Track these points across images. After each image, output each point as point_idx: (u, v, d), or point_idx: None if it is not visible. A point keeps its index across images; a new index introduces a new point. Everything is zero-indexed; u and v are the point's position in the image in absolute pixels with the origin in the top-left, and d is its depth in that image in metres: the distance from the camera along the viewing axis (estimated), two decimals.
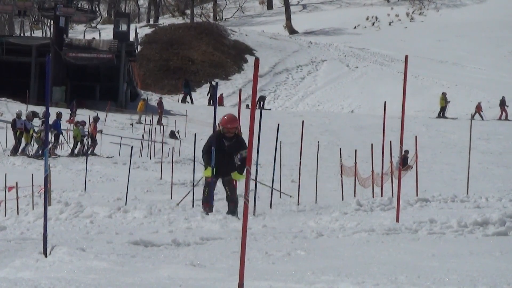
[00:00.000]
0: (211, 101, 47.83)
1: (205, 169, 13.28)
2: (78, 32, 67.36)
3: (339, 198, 17.41)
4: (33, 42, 45.65)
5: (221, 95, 51.42)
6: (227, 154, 13.06)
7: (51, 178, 15.92)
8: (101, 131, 31.63)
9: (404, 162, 25.27)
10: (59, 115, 30.77)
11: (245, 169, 11.56)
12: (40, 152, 27.45)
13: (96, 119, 31.84)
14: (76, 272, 7.36)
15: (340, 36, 73.10)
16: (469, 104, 48.22)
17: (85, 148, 29.77)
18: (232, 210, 13.23)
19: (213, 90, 47.99)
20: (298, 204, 16.06)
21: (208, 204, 13.34)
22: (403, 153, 26.63)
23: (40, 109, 34.16)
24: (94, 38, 47.19)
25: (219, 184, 20.42)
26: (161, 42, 61.65)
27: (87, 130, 30.83)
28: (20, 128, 29.09)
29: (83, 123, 30.47)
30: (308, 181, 19.25)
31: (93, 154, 29.05)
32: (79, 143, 29.99)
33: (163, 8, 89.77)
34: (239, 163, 13.12)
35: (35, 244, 9.45)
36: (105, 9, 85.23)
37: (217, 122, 14.21)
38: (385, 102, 16.85)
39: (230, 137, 13.06)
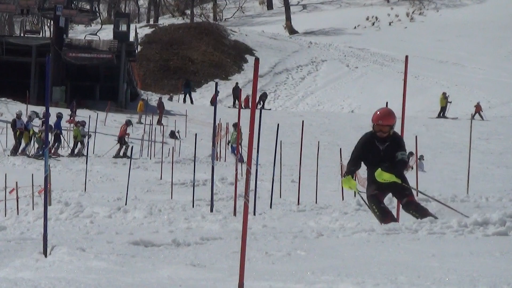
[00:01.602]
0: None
1: (342, 179, 10.63)
2: (78, 32, 67.41)
3: (339, 198, 17.41)
4: (33, 42, 45.65)
5: (247, 96, 51.49)
6: (383, 161, 10.15)
7: (51, 178, 15.92)
8: (128, 135, 31.59)
9: None
10: (60, 115, 30.79)
11: (400, 174, 10.04)
12: (40, 152, 27.46)
13: (128, 123, 31.79)
14: (76, 272, 7.36)
15: (340, 36, 73.10)
16: (469, 104, 48.22)
17: (84, 148, 29.75)
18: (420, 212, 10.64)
19: (235, 92, 47.96)
20: (298, 204, 16.06)
21: (388, 217, 10.57)
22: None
23: (40, 109, 34.18)
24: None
25: (219, 184, 20.45)
26: (161, 42, 61.65)
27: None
28: (20, 128, 29.10)
29: (83, 123, 30.45)
30: (308, 181, 19.25)
31: (125, 156, 28.89)
32: (79, 143, 29.98)
33: (163, 8, 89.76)
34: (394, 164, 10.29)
35: (35, 244, 9.44)
36: (105, 9, 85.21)
37: (217, 122, 14.11)
38: (386, 102, 16.84)
39: (384, 138, 10.18)
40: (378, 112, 10.17)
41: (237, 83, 50.45)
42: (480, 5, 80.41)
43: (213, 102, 48.21)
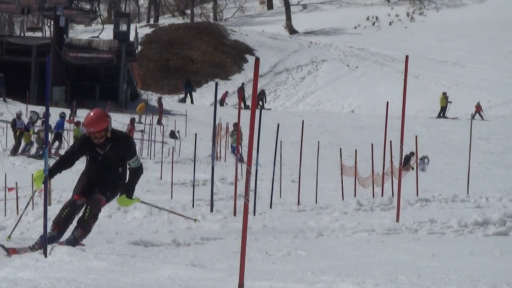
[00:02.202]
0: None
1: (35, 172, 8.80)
2: (78, 32, 67.39)
3: (339, 198, 17.41)
4: (33, 42, 45.63)
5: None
6: (103, 165, 8.81)
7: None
8: (142, 132, 31.55)
9: (405, 162, 25.29)
10: (63, 115, 30.80)
11: (132, 190, 8.94)
12: (40, 152, 27.45)
13: (132, 121, 31.85)
14: (76, 272, 7.35)
15: (340, 36, 73.07)
16: (469, 104, 48.20)
17: None
18: (72, 240, 8.79)
19: (243, 92, 47.91)
20: (298, 204, 16.06)
21: (58, 227, 8.80)
22: (408, 153, 26.65)
23: (40, 109, 34.16)
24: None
25: (219, 184, 20.41)
26: (161, 42, 61.63)
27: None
28: (20, 128, 29.11)
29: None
30: (308, 181, 19.24)
31: None
32: None
33: (163, 8, 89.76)
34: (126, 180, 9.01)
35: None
36: (105, 9, 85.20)
37: (217, 122, 14.13)
38: (387, 102, 16.87)
39: (102, 143, 8.64)
40: (87, 120, 8.54)
41: (242, 83, 50.43)
42: (480, 5, 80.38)
43: (223, 101, 48.29)
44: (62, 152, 29.80)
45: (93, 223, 8.78)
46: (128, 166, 8.81)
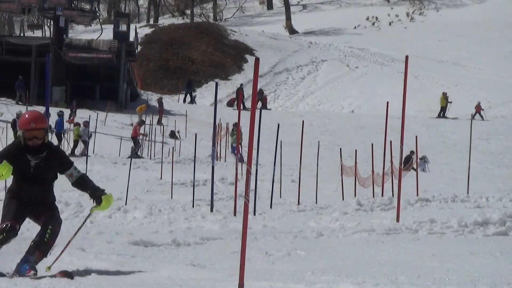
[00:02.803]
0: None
1: None
2: (78, 32, 67.38)
3: (339, 198, 17.41)
4: (33, 42, 45.62)
5: (265, 97, 51.55)
6: (35, 181, 7.37)
7: None
8: (143, 135, 31.60)
9: (406, 162, 25.30)
10: (61, 114, 30.78)
11: (99, 189, 7.57)
12: None
13: (141, 123, 31.83)
14: (76, 272, 7.35)
15: (340, 36, 73.06)
16: (469, 104, 48.19)
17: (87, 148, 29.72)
18: (26, 268, 7.23)
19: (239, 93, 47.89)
20: (298, 204, 16.06)
21: None
22: (409, 153, 26.66)
23: (40, 109, 34.15)
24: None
25: (219, 184, 20.40)
26: (161, 42, 61.63)
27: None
28: None
29: (86, 123, 30.34)
30: (308, 181, 19.25)
31: (137, 156, 28.92)
32: (81, 143, 29.90)
33: (163, 8, 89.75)
34: (86, 188, 7.64)
35: None
36: (105, 9, 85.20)
37: (217, 122, 14.11)
38: (387, 102, 16.88)
39: (37, 149, 7.24)
40: (27, 115, 7.27)
41: (241, 84, 50.40)
42: (480, 5, 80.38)
43: (232, 104, 48.38)
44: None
45: (53, 245, 7.44)
46: (70, 180, 7.48)
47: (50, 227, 7.50)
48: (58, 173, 7.50)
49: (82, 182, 7.49)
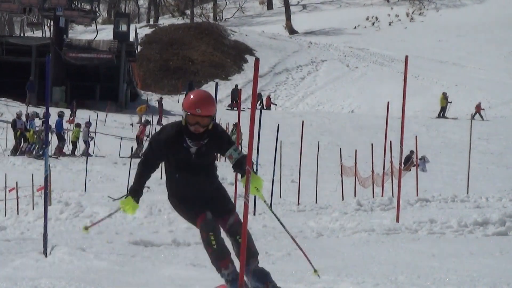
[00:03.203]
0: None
1: (125, 197, 6.39)
2: (78, 32, 67.37)
3: (339, 198, 17.41)
4: (33, 42, 45.63)
5: (269, 96, 51.53)
6: (196, 169, 6.38)
7: (51, 178, 15.92)
8: (148, 136, 31.68)
9: (406, 162, 25.29)
10: (61, 114, 30.79)
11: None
12: (40, 152, 27.46)
13: (146, 123, 31.87)
14: (76, 272, 7.35)
15: (340, 36, 73.06)
16: (469, 104, 48.19)
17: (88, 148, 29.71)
18: (259, 272, 6.43)
19: (234, 94, 47.92)
20: (298, 204, 16.06)
21: (224, 260, 6.45)
22: (408, 153, 26.66)
23: (40, 109, 34.19)
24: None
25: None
26: (161, 42, 61.62)
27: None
28: (20, 128, 29.11)
29: (88, 124, 30.30)
30: (308, 181, 19.24)
31: (138, 156, 29.01)
32: (84, 143, 29.87)
33: (163, 8, 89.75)
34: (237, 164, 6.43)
35: (35, 244, 9.44)
36: (105, 9, 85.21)
37: (217, 122, 14.12)
38: (388, 102, 16.88)
39: (199, 135, 6.26)
40: (193, 96, 6.22)
41: (236, 85, 50.39)
42: (480, 5, 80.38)
43: (233, 106, 48.41)
44: (66, 151, 29.75)
45: (252, 242, 6.44)
46: (230, 159, 6.39)
47: (238, 236, 6.33)
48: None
49: (241, 165, 6.32)
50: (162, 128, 6.43)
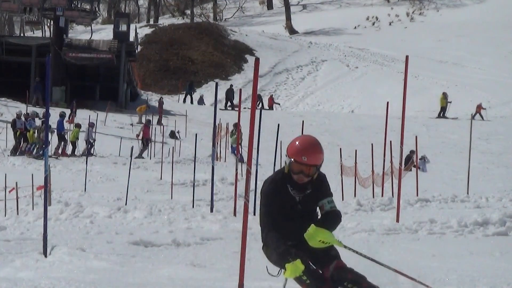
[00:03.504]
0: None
1: (287, 264, 5.79)
2: (78, 32, 67.38)
3: (339, 198, 17.40)
4: (33, 42, 45.63)
5: (271, 96, 51.48)
6: (301, 215, 5.95)
7: (51, 178, 15.91)
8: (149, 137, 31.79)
9: (406, 162, 25.28)
10: (63, 114, 30.79)
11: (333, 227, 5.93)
12: (40, 152, 27.45)
13: (148, 123, 31.93)
14: (76, 272, 7.35)
15: (340, 36, 73.09)
16: (469, 104, 48.20)
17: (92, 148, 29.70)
18: None
19: (229, 94, 47.93)
20: None
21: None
22: (408, 153, 26.66)
23: (40, 110, 34.19)
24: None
25: (219, 184, 20.40)
26: (161, 42, 61.64)
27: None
28: (20, 128, 29.12)
29: (91, 124, 30.26)
30: None
31: (141, 157, 29.23)
32: (83, 143, 29.85)
33: (163, 8, 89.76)
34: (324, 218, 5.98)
35: (35, 244, 9.44)
36: (105, 9, 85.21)
37: (217, 122, 14.07)
38: (387, 102, 16.88)
39: (303, 185, 5.85)
40: (299, 142, 5.74)
41: (231, 85, 50.33)
42: (480, 5, 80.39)
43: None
44: (68, 152, 29.73)
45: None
46: (321, 210, 5.95)
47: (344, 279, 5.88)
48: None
49: (325, 220, 5.85)
50: (266, 180, 5.92)
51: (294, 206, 5.80)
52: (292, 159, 5.65)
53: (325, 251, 5.85)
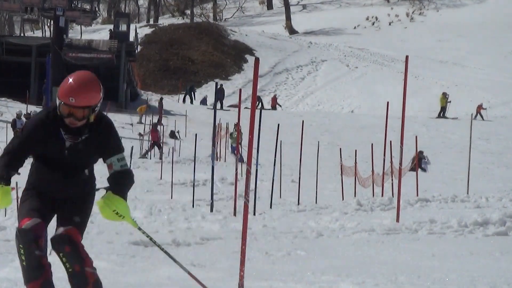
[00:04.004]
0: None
1: None
2: (78, 32, 67.41)
3: (339, 198, 17.39)
4: (33, 42, 45.64)
5: (275, 96, 51.48)
6: (65, 167, 5.18)
7: None
8: (144, 135, 31.75)
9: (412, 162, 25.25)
10: None
11: (124, 192, 5.41)
12: None
13: (155, 125, 31.97)
14: None
15: (340, 36, 73.09)
16: (469, 104, 48.21)
17: None
18: None
19: (218, 94, 47.88)
20: (298, 204, 16.05)
21: (34, 282, 5.30)
22: (418, 153, 26.64)
23: (39, 110, 34.14)
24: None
25: (219, 184, 20.41)
26: (161, 42, 61.65)
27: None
28: (20, 128, 29.13)
29: None
30: (308, 181, 19.23)
31: (144, 157, 29.46)
32: None
33: (163, 8, 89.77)
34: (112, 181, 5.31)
35: None
36: (105, 9, 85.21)
37: (217, 122, 14.10)
38: (387, 102, 16.88)
39: (77, 129, 5.05)
40: (70, 81, 4.97)
41: (221, 85, 50.19)
42: (480, 5, 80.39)
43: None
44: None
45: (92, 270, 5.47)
46: (109, 169, 5.22)
47: (62, 249, 5.27)
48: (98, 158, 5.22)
49: (114, 181, 5.27)
50: (32, 118, 5.24)
51: (59, 153, 5.05)
52: (61, 102, 4.92)
53: (71, 212, 5.25)
